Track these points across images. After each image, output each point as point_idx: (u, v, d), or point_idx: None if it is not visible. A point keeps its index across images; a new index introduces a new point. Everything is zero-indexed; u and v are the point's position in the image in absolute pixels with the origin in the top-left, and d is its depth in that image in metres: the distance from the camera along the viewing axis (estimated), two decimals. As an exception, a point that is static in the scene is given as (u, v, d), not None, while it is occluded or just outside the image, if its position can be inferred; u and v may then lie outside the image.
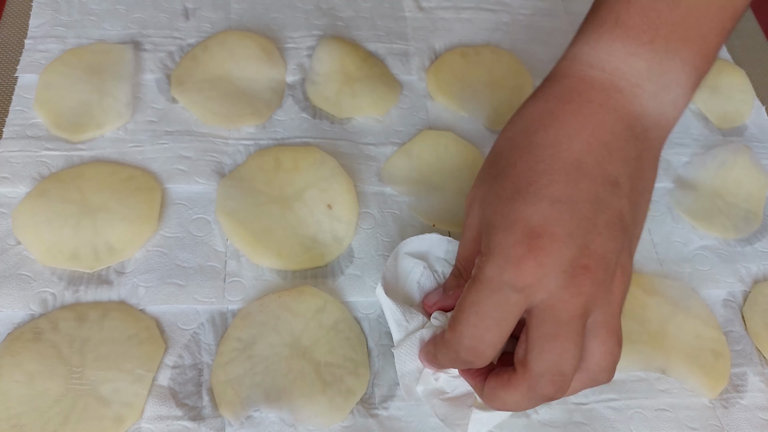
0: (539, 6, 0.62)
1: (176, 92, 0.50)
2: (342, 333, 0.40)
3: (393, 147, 0.50)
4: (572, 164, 0.32)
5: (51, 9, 0.54)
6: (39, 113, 0.47)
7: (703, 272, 0.47)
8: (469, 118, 0.53)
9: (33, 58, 0.50)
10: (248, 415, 0.37)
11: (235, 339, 0.39)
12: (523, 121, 0.35)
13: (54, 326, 0.38)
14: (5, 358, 0.37)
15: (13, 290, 0.40)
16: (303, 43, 0.55)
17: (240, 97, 0.50)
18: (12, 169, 0.44)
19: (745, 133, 0.56)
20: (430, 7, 0.60)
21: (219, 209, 0.44)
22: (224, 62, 0.52)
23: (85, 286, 0.40)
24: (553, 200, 0.31)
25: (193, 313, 0.40)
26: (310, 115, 0.51)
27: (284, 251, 0.43)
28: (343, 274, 0.43)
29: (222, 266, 0.42)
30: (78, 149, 0.46)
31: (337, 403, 0.37)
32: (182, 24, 0.54)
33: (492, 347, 0.31)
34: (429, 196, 0.47)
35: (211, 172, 0.46)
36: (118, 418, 0.36)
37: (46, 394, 0.36)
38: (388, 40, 0.57)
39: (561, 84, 0.35)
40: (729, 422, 0.41)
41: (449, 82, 0.54)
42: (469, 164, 0.50)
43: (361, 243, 0.45)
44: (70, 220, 0.42)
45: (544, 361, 0.30)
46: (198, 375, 0.38)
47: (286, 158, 0.47)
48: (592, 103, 0.34)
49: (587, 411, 0.40)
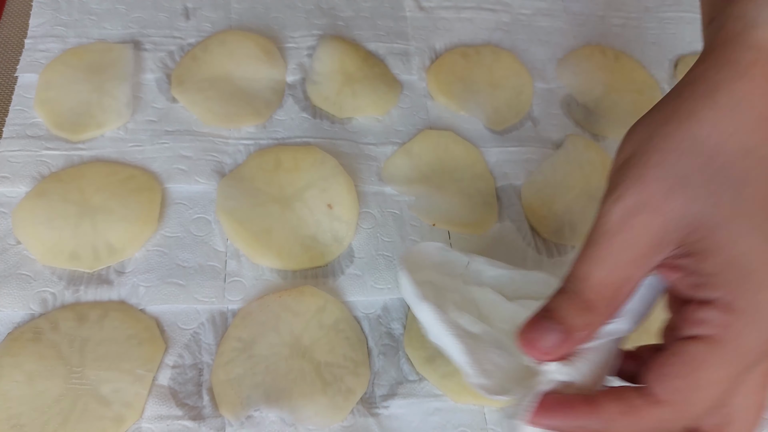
0: (539, 6, 0.62)
1: (176, 92, 0.50)
2: (342, 333, 0.40)
3: (393, 147, 0.50)
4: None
5: (51, 8, 0.54)
6: (39, 113, 0.47)
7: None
8: (470, 118, 0.53)
9: (33, 57, 0.50)
10: (248, 415, 0.37)
11: (236, 339, 0.39)
12: (749, 113, 0.26)
13: (54, 326, 0.38)
14: (5, 358, 0.37)
15: (13, 290, 0.40)
16: (303, 43, 0.55)
17: (240, 97, 0.50)
18: (12, 168, 0.44)
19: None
20: (430, 6, 0.60)
21: (219, 209, 0.44)
22: (224, 62, 0.52)
23: (85, 286, 0.40)
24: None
25: (194, 312, 0.40)
26: (310, 115, 0.51)
27: (284, 251, 0.43)
28: (344, 274, 0.43)
29: (222, 266, 0.42)
30: (78, 149, 0.46)
31: (337, 403, 0.37)
32: (182, 23, 0.54)
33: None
34: (429, 196, 0.47)
35: (211, 171, 0.46)
36: (118, 418, 0.36)
37: (45, 394, 0.36)
38: (389, 40, 0.57)
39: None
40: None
41: (449, 82, 0.54)
42: (469, 164, 0.50)
43: (361, 243, 0.45)
44: (70, 219, 0.42)
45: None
46: (198, 375, 0.38)
47: (286, 158, 0.47)
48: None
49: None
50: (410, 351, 0.40)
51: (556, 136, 0.53)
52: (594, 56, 0.58)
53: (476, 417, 0.39)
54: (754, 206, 0.25)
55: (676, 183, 0.25)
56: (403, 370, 0.40)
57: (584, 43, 0.60)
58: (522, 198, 0.49)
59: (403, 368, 0.40)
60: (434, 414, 0.38)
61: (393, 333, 0.41)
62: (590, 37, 0.61)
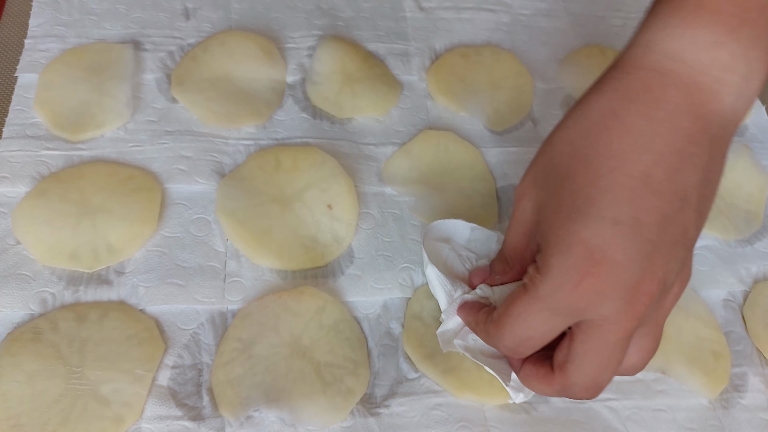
0: (539, 6, 0.62)
1: (176, 92, 0.50)
2: (342, 333, 0.40)
3: (393, 147, 0.50)
4: (638, 180, 0.29)
5: (51, 8, 0.54)
6: (39, 113, 0.47)
7: (703, 272, 0.47)
8: (470, 119, 0.53)
9: (33, 57, 0.50)
10: (248, 415, 0.37)
11: (235, 339, 0.39)
12: (585, 122, 0.32)
13: (54, 326, 0.38)
14: (5, 358, 0.37)
15: (13, 290, 0.40)
16: (303, 43, 0.55)
17: (240, 97, 0.50)
18: (12, 168, 0.44)
19: (745, 134, 0.56)
20: (430, 7, 0.60)
21: (219, 209, 0.44)
22: (224, 62, 0.52)
23: (84, 286, 0.40)
24: (614, 222, 0.29)
25: (193, 313, 0.40)
26: (310, 115, 0.51)
27: (284, 251, 0.43)
28: (343, 275, 0.43)
29: (222, 266, 0.42)
30: (78, 149, 0.46)
31: (337, 403, 0.37)
32: (182, 24, 0.54)
33: (530, 350, 0.33)
34: (429, 197, 0.47)
35: (211, 172, 0.46)
36: (118, 418, 0.36)
37: (45, 394, 0.36)
38: (389, 40, 0.57)
39: (632, 77, 0.31)
40: (729, 422, 0.41)
41: (450, 82, 0.54)
42: (469, 164, 0.50)
43: (361, 243, 0.45)
44: (70, 219, 0.42)
45: (583, 374, 0.31)
46: (198, 375, 0.38)
47: (286, 158, 0.47)
48: (667, 103, 0.30)
49: (585, 410, 0.40)
50: (409, 348, 0.40)
51: (556, 137, 0.53)
52: (594, 56, 0.58)
53: (476, 412, 0.39)
54: (565, 194, 0.31)
55: (536, 177, 0.34)
56: (402, 369, 0.40)
57: (584, 43, 0.60)
58: (522, 198, 0.49)
59: (402, 367, 0.40)
60: (435, 409, 0.38)
61: (393, 333, 0.41)
62: (590, 37, 0.61)
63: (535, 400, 0.39)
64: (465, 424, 0.38)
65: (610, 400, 0.40)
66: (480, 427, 0.38)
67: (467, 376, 0.39)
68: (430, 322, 0.41)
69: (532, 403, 0.39)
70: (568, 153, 0.32)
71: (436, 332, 0.39)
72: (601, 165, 0.30)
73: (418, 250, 0.45)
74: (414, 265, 0.44)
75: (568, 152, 0.32)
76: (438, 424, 0.38)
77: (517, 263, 0.37)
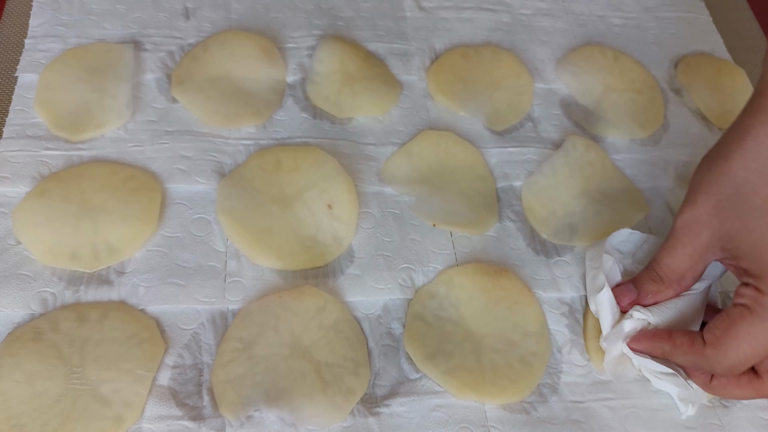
0: (539, 6, 0.62)
1: (176, 92, 0.50)
2: (342, 333, 0.40)
3: (393, 147, 0.50)
4: None
5: (51, 9, 0.54)
6: (39, 113, 0.47)
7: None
8: (470, 118, 0.53)
9: (33, 57, 0.50)
10: (248, 415, 0.37)
11: (236, 339, 0.39)
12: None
13: (54, 326, 0.38)
14: (5, 358, 0.37)
15: (13, 290, 0.40)
16: (303, 43, 0.55)
17: (240, 97, 0.50)
18: (12, 168, 0.44)
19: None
20: (430, 7, 0.60)
21: (219, 209, 0.44)
22: (224, 62, 0.52)
23: (85, 286, 0.40)
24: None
25: (194, 313, 0.40)
26: (310, 115, 0.51)
27: (284, 251, 0.43)
28: (344, 274, 0.43)
29: (222, 266, 0.42)
30: (78, 149, 0.46)
31: (337, 403, 0.37)
32: (182, 24, 0.54)
33: (746, 367, 0.36)
34: (429, 196, 0.47)
35: (211, 171, 0.46)
36: (118, 418, 0.36)
37: (45, 394, 0.36)
38: (389, 40, 0.57)
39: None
40: (729, 422, 0.41)
41: (450, 82, 0.54)
42: (470, 164, 0.50)
43: (361, 243, 0.45)
44: (70, 219, 0.42)
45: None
46: (198, 375, 0.38)
47: (286, 158, 0.47)
48: None
49: (585, 409, 0.40)
50: (410, 349, 0.40)
51: (556, 137, 0.53)
52: (594, 56, 0.58)
53: (477, 413, 0.39)
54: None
55: (716, 207, 0.37)
56: (403, 369, 0.40)
57: (584, 43, 0.60)
58: (522, 198, 0.49)
59: (403, 368, 0.40)
60: (435, 410, 0.38)
61: (393, 333, 0.41)
62: (590, 37, 0.61)
63: (536, 401, 0.40)
64: (466, 425, 0.38)
65: (609, 399, 0.40)
66: (481, 428, 0.38)
67: (468, 377, 0.39)
68: (432, 322, 0.41)
69: (532, 403, 0.39)
70: (760, 183, 0.35)
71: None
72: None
73: (419, 250, 0.45)
74: (414, 265, 0.44)
75: (759, 182, 0.35)
76: (438, 425, 0.38)
77: (674, 284, 0.40)
